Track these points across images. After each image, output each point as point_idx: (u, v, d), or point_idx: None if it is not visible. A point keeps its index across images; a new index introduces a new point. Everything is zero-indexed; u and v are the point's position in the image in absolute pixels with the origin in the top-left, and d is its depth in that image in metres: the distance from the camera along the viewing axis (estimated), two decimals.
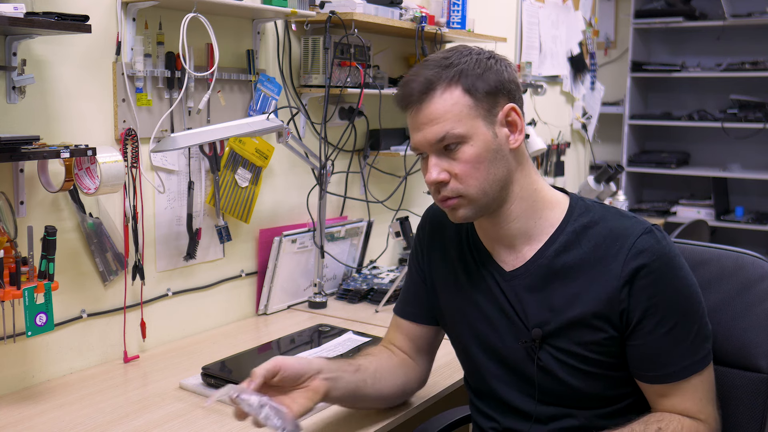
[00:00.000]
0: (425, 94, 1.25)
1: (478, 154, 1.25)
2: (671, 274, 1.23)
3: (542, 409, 1.32)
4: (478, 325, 1.38)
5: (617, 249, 1.24)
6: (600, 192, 3.66)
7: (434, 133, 1.25)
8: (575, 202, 1.33)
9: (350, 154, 2.51)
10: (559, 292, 1.28)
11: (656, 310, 1.22)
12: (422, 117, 1.26)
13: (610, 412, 1.29)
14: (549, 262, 1.29)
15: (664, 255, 1.23)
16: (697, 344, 1.24)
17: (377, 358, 1.47)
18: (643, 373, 1.26)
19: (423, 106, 1.25)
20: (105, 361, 1.80)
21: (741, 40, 4.97)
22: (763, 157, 4.98)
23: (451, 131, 1.24)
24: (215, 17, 1.92)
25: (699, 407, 1.25)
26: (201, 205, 2.01)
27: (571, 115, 4.28)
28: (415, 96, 1.26)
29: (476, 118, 1.25)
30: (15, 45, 1.54)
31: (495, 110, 1.27)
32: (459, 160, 1.25)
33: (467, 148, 1.24)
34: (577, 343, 1.27)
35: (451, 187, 1.27)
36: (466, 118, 1.24)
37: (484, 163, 1.25)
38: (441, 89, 1.24)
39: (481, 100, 1.25)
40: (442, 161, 1.27)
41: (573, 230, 1.29)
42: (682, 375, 1.24)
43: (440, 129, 1.24)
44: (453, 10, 2.65)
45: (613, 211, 1.31)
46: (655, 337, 1.23)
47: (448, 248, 1.43)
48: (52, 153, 1.49)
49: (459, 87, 1.24)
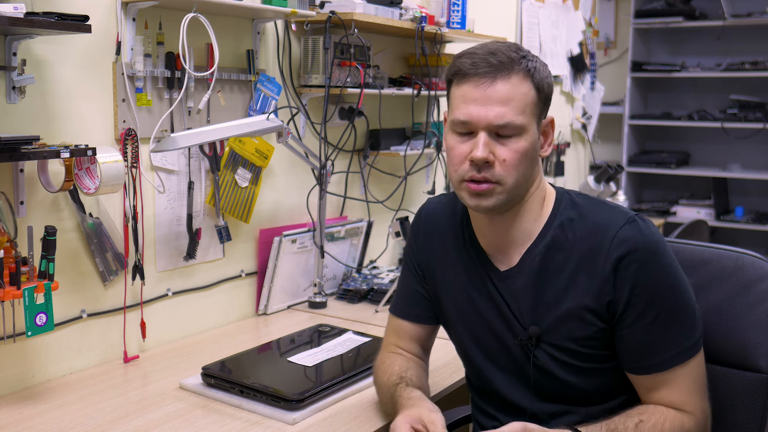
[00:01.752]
0: (503, 72, 1.23)
1: (526, 150, 1.25)
2: (654, 262, 1.23)
3: (541, 407, 1.32)
4: (475, 324, 1.38)
5: (601, 241, 1.25)
6: (600, 192, 3.66)
7: (500, 115, 1.23)
8: (561, 196, 1.35)
9: (350, 154, 2.51)
10: (550, 289, 1.29)
11: (639, 300, 1.23)
12: (492, 92, 1.23)
13: (609, 408, 1.30)
14: (539, 259, 1.30)
15: (646, 244, 1.23)
16: (683, 334, 1.24)
17: (415, 370, 1.45)
18: (630, 365, 1.27)
19: (497, 82, 1.23)
20: (105, 361, 1.80)
21: (741, 40, 4.97)
22: (763, 157, 4.98)
23: (515, 120, 1.23)
24: (215, 17, 1.92)
25: (685, 399, 1.24)
26: (201, 205, 2.01)
27: (571, 115, 4.28)
28: (495, 67, 1.23)
29: (534, 116, 1.26)
30: (15, 45, 1.54)
31: (543, 115, 1.30)
32: (509, 148, 1.25)
33: (521, 140, 1.25)
34: (570, 339, 1.27)
35: (496, 170, 1.24)
36: (529, 112, 1.25)
37: (526, 159, 1.26)
38: (518, 75, 1.24)
39: (542, 100, 1.28)
40: (491, 142, 1.25)
41: (559, 224, 1.30)
42: (666, 365, 1.24)
43: (506, 113, 1.23)
44: (453, 10, 2.65)
45: (596, 203, 1.33)
46: (640, 327, 1.23)
47: (445, 247, 1.43)
48: (52, 153, 1.49)
49: (531, 80, 1.25)
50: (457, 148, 1.27)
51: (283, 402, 1.51)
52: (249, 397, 1.55)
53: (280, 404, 1.51)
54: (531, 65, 1.25)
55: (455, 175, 1.29)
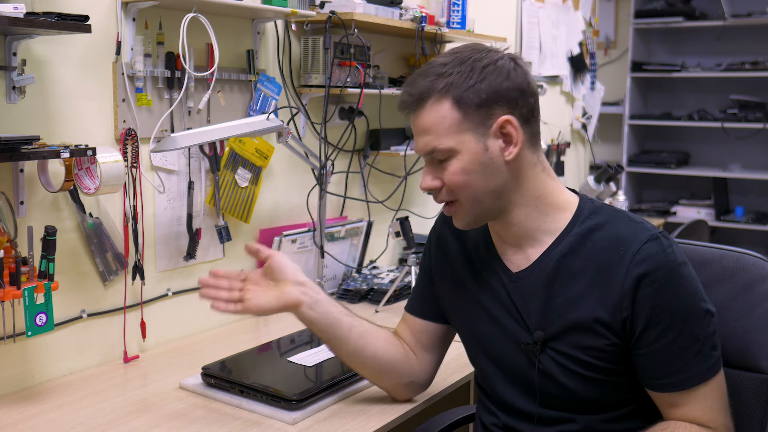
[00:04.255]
0: (417, 104, 1.26)
1: (464, 168, 1.25)
2: (676, 282, 1.21)
3: (544, 412, 1.31)
4: (483, 325, 1.37)
5: (621, 255, 1.22)
6: (600, 192, 3.65)
7: (424, 144, 1.27)
8: (584, 204, 1.31)
9: (350, 154, 2.51)
10: (561, 295, 1.27)
11: (660, 319, 1.20)
12: (415, 125, 1.29)
13: (612, 418, 1.28)
14: (553, 264, 1.28)
15: (668, 263, 1.21)
16: (705, 353, 1.22)
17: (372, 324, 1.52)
18: (651, 382, 1.25)
19: (416, 115, 1.27)
20: (105, 361, 1.80)
21: (741, 40, 4.97)
22: (763, 157, 4.98)
23: (438, 146, 1.25)
24: (215, 17, 1.92)
25: (710, 416, 1.22)
26: (201, 205, 2.01)
27: (571, 115, 4.28)
28: (409, 104, 1.27)
29: (465, 132, 1.24)
30: (15, 45, 1.54)
31: (488, 122, 1.24)
32: (448, 171, 1.26)
33: (455, 162, 1.25)
34: (577, 347, 1.25)
35: (443, 192, 1.29)
36: (453, 133, 1.24)
37: (472, 175, 1.25)
38: (431, 101, 1.24)
39: (470, 113, 1.23)
40: (435, 169, 1.28)
41: (579, 232, 1.28)
42: (689, 384, 1.21)
43: (429, 141, 1.26)
44: (453, 10, 2.65)
45: (621, 215, 1.29)
46: (661, 346, 1.21)
47: (461, 248, 1.43)
48: (52, 153, 1.49)
49: (449, 99, 1.23)
50: None
51: (283, 402, 1.51)
52: (249, 397, 1.55)
53: (280, 404, 1.51)
54: (446, 83, 1.22)
55: None
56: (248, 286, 1.46)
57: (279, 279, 1.47)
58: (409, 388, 1.54)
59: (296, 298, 1.44)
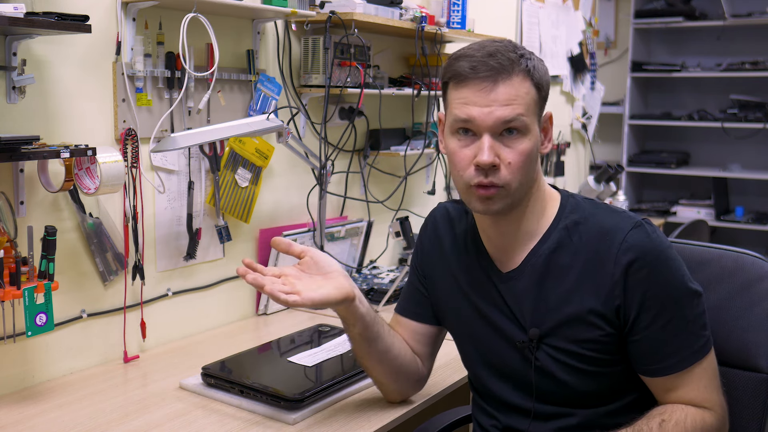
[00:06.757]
0: (503, 75, 1.21)
1: (530, 149, 1.24)
2: (664, 266, 1.23)
3: (541, 408, 1.32)
4: (476, 326, 1.38)
5: (608, 245, 1.24)
6: (600, 192, 3.66)
7: (506, 113, 1.21)
8: (565, 199, 1.34)
9: (350, 154, 2.51)
10: (553, 291, 1.28)
11: (652, 304, 1.22)
12: (495, 96, 1.21)
13: (610, 411, 1.29)
14: (542, 261, 1.30)
15: (655, 248, 1.23)
16: (696, 333, 1.24)
17: None
18: (645, 368, 1.27)
19: (499, 86, 1.21)
20: (105, 361, 1.80)
21: (741, 40, 4.97)
22: (763, 157, 4.98)
23: (522, 117, 1.22)
24: (215, 17, 1.92)
25: (704, 396, 1.25)
26: (201, 205, 2.01)
27: (571, 115, 4.28)
28: (493, 72, 1.21)
29: (535, 115, 1.26)
30: (15, 45, 1.54)
31: (542, 113, 1.29)
32: (514, 149, 1.23)
33: (525, 140, 1.24)
34: (573, 341, 1.27)
35: (502, 174, 1.23)
36: (531, 111, 1.24)
37: (530, 158, 1.25)
38: (518, 76, 1.23)
39: (542, 98, 1.26)
40: (496, 144, 1.23)
41: (564, 227, 1.30)
42: (684, 365, 1.24)
43: (512, 111, 1.21)
44: (453, 10, 2.65)
45: (602, 207, 1.32)
46: (653, 331, 1.23)
47: (450, 249, 1.43)
48: (52, 153, 1.49)
49: (531, 80, 1.24)
50: (460, 153, 1.25)
51: (283, 402, 1.51)
52: (249, 397, 1.55)
53: (280, 404, 1.51)
54: (530, 64, 1.24)
55: (461, 181, 1.26)
56: (290, 280, 1.36)
57: (325, 272, 1.40)
58: (414, 389, 1.56)
59: (352, 291, 1.39)
